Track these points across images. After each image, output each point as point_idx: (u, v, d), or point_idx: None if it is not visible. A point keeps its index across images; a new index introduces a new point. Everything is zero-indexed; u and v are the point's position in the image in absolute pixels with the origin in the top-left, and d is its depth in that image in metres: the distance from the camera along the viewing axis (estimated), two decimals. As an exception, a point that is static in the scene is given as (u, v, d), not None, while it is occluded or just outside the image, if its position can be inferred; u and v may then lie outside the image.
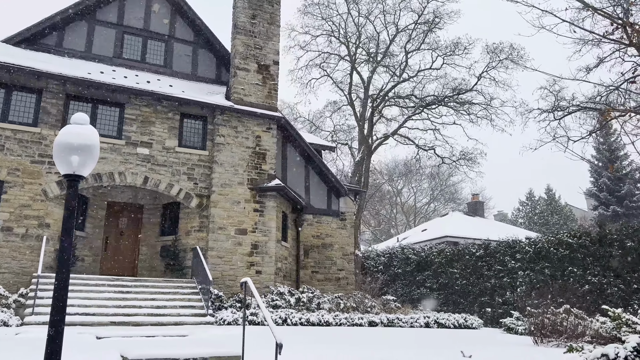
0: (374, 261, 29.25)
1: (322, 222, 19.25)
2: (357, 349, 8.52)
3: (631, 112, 6.83)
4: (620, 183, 35.12)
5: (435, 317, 15.81)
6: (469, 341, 11.52)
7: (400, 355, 7.65)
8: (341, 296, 16.68)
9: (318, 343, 9.40)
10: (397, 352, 8.49)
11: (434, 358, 6.75)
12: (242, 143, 16.28)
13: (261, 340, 10.01)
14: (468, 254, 24.70)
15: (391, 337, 11.40)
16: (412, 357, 7.25)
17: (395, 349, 9.11)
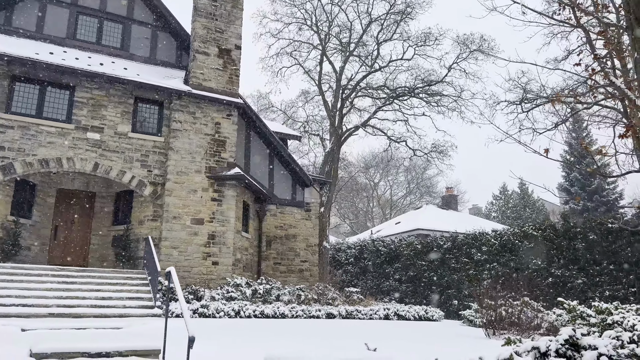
0: (345, 253, 29.04)
1: (286, 212, 18.81)
2: (274, 342, 8.16)
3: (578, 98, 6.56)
4: (591, 178, 35.40)
5: (396, 309, 15.55)
6: (415, 333, 11.27)
7: (310, 347, 7.28)
8: (303, 288, 16.28)
9: (245, 336, 8.99)
10: (311, 340, 8.20)
11: (340, 350, 6.38)
12: (200, 129, 15.71)
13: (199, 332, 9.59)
14: (436, 247, 24.60)
15: (333, 329, 11.08)
16: (320, 349, 6.86)
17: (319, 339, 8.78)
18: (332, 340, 8.61)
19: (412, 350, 7.55)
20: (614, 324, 10.45)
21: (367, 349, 3.88)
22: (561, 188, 36.79)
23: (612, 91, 6.52)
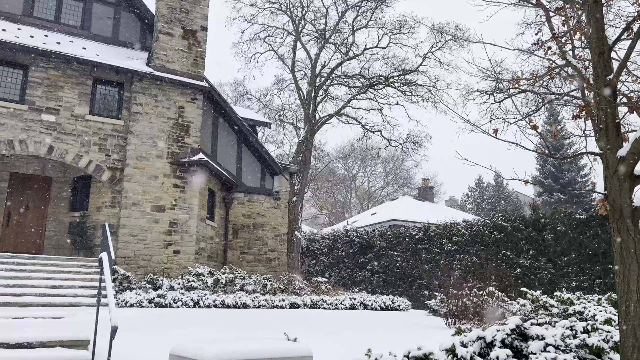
0: (319, 244, 28.79)
1: (254, 201, 18.39)
2: (201, 333, 7.82)
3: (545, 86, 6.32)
4: (565, 170, 35.76)
5: (362, 299, 15.31)
6: (373, 323, 11.04)
7: (229, 335, 6.99)
8: (269, 278, 15.93)
9: (185, 327, 8.62)
10: (241, 332, 7.91)
11: (257, 341, 6.07)
12: (162, 113, 15.15)
13: (145, 322, 9.19)
14: (408, 237, 24.49)
15: (282, 319, 10.78)
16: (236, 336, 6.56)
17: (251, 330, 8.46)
18: (264, 330, 8.29)
19: (348, 341, 7.27)
20: (575, 314, 10.36)
21: (286, 339, 3.55)
22: (535, 180, 37.04)
23: (571, 72, 6.29)
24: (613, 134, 4.79)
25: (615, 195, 4.68)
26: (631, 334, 4.38)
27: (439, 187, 54.73)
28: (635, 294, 4.44)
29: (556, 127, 24.46)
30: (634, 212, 4.61)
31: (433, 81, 23.78)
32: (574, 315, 10.21)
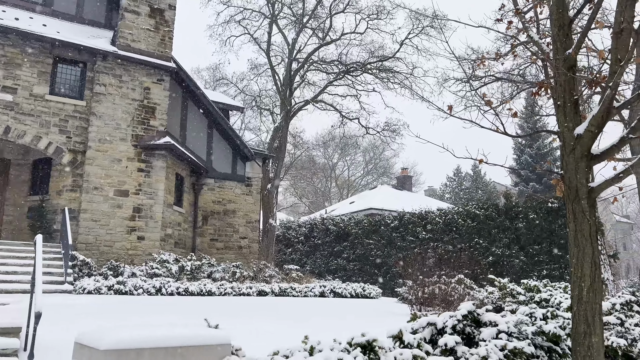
0: (296, 232, 28.54)
1: (225, 187, 17.97)
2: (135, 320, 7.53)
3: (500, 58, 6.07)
4: (542, 161, 35.98)
5: (332, 286, 15.09)
6: (335, 310, 10.84)
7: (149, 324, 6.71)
8: (239, 265, 15.61)
9: (140, 315, 8.28)
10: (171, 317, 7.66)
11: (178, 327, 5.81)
12: (127, 94, 14.60)
13: (101, 309, 8.82)
14: (384, 225, 24.38)
15: (246, 307, 10.52)
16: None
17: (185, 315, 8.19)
18: (221, 317, 7.99)
19: (289, 327, 7.01)
20: (541, 301, 10.27)
21: (207, 326, 3.26)
22: (512, 171, 37.24)
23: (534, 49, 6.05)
24: (571, 111, 4.55)
25: (571, 175, 4.45)
26: (583, 320, 4.18)
27: (418, 176, 54.85)
28: (588, 278, 4.24)
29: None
30: (589, 193, 4.39)
31: (410, 68, 23.54)
32: (541, 302, 10.13)
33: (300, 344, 3.96)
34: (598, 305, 4.20)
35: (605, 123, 4.40)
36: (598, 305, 4.20)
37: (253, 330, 7.04)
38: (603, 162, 4.55)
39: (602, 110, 4.26)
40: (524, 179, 35.71)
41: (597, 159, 4.46)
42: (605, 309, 7.05)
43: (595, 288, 4.22)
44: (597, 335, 4.13)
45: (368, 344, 4.26)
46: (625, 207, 56.14)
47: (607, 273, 16.28)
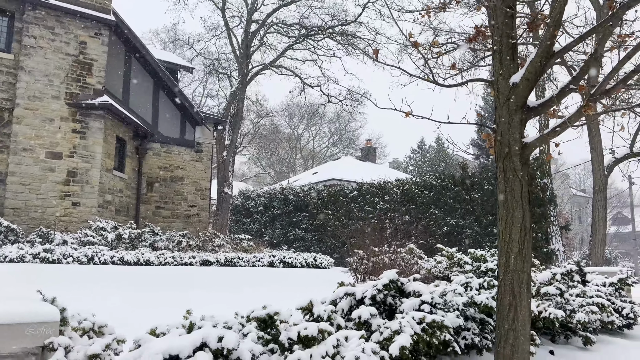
0: (255, 202, 27.93)
1: (173, 152, 17.05)
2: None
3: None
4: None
5: (282, 256, 14.62)
6: (286, 280, 10.39)
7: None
8: (186, 234, 14.93)
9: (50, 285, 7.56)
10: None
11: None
12: (60, 48, 13.41)
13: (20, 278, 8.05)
14: (342, 196, 24.01)
15: (184, 277, 9.97)
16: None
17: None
18: (145, 288, 7.41)
19: (236, 298, 6.49)
20: (487, 271, 10.03)
21: (42, 299, 2.64)
22: (473, 143, 37.35)
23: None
24: (507, 57, 4.02)
25: (504, 129, 3.95)
26: (509, 291, 3.75)
27: (383, 148, 54.75)
28: (517, 244, 3.79)
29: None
30: (523, 150, 3.90)
31: (373, 34, 22.78)
32: (487, 272, 9.91)
33: (181, 319, 3.38)
34: (526, 274, 3.77)
35: (544, 70, 3.89)
36: (526, 274, 3.77)
37: (172, 302, 6.45)
38: (539, 115, 4.06)
39: (540, 53, 3.74)
40: (485, 151, 35.87)
41: (534, 111, 3.97)
42: (546, 278, 6.77)
43: (524, 255, 3.78)
44: (523, 308, 3.72)
45: (269, 318, 3.72)
46: (582, 182, 57.74)
47: (559, 244, 16.39)
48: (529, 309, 3.72)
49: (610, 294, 8.45)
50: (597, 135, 15.40)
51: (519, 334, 3.63)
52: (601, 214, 14.95)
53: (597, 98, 3.68)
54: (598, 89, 3.64)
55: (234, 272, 11.88)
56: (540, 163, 16.25)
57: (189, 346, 2.95)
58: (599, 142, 15.38)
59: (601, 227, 14.92)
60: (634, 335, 8.37)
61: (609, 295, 8.40)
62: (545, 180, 15.98)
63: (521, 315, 3.66)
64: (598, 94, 3.62)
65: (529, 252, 3.79)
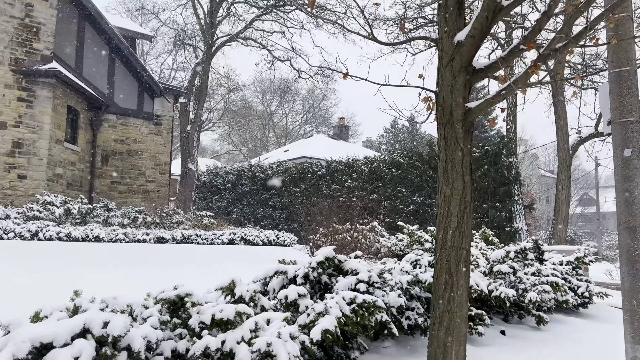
0: (223, 179, 27.39)
1: (130, 125, 16.29)
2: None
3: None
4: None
5: (244, 233, 14.21)
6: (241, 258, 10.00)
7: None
8: (142, 210, 14.35)
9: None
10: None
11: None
12: (4, 10, 12.46)
13: None
14: (311, 173, 23.65)
15: (130, 254, 9.50)
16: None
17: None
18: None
19: (152, 277, 6.08)
20: (447, 249, 9.83)
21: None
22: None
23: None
24: (453, 12, 3.62)
25: (446, 91, 3.57)
26: (445, 269, 3.43)
27: (357, 127, 54.46)
28: (455, 218, 3.46)
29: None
30: (466, 115, 3.54)
31: (344, 7, 22.12)
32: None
33: (68, 302, 2.95)
34: (464, 250, 3.44)
35: (490, 26, 3.51)
36: (464, 250, 3.44)
37: (99, 280, 5.99)
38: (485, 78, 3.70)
39: (486, 7, 3.35)
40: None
41: (479, 73, 3.60)
42: (499, 256, 6.55)
43: (463, 230, 3.45)
44: (460, 287, 3.40)
45: (179, 300, 3.32)
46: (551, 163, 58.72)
47: (522, 223, 16.42)
48: (466, 289, 3.42)
49: (566, 273, 8.34)
50: (563, 115, 15.33)
51: (454, 316, 3.32)
52: (565, 193, 14.97)
53: (546, 57, 3.33)
54: (548, 47, 3.29)
55: (188, 249, 11.43)
56: (506, 142, 16.13)
57: (65, 333, 2.53)
58: (565, 121, 15.32)
59: (564, 207, 14.96)
60: (589, 314, 8.32)
61: (566, 274, 8.30)
62: (511, 159, 15.88)
63: (458, 295, 3.35)
64: (547, 52, 3.27)
65: (469, 227, 3.47)
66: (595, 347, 6.02)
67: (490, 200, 16.12)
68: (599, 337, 6.63)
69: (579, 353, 5.69)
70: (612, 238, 41.13)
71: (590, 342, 6.23)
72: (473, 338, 5.75)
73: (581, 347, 5.97)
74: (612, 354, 5.63)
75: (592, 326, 7.41)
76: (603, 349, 5.89)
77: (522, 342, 5.93)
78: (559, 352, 5.63)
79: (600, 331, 7.03)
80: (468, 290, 3.48)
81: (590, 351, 5.78)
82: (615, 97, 4.19)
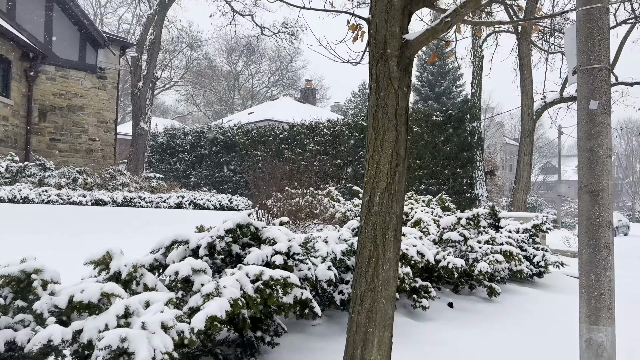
0: (181, 140, 26.24)
1: (71, 77, 14.97)
2: None
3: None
4: (441, 80, 35.74)
5: (193, 197, 13.40)
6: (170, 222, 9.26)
7: None
8: (85, 170, 13.31)
9: None
10: None
11: None
12: None
13: None
14: (272, 136, 22.80)
15: (47, 217, 8.65)
16: None
17: None
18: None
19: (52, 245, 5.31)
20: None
21: None
22: (413, 88, 36.85)
23: None
24: None
25: (379, 19, 2.84)
26: (370, 239, 2.79)
27: (325, 91, 53.36)
28: (385, 177, 2.79)
29: None
30: (402, 50, 2.83)
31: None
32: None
33: None
34: (394, 217, 2.80)
35: (435, -64, 2.77)
36: (394, 217, 2.80)
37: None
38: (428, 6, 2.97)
39: None
40: (423, 97, 35.45)
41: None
42: (450, 223, 6.01)
43: (393, 192, 2.79)
44: (387, 261, 2.77)
45: (26, 277, 2.58)
46: (517, 131, 59.29)
47: (482, 189, 16.13)
48: (395, 264, 2.80)
49: (523, 241, 7.95)
50: (529, 78, 14.86)
51: (379, 296, 2.72)
52: (526, 159, 14.67)
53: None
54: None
55: (128, 213, 10.58)
56: (470, 106, 15.64)
57: None
58: (530, 85, 14.87)
59: (525, 173, 14.68)
60: (544, 283, 7.99)
61: (522, 242, 7.90)
62: (474, 123, 15.42)
63: (384, 271, 2.74)
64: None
65: (402, 189, 2.83)
66: (548, 320, 5.62)
67: (451, 167, 15.72)
68: (553, 309, 6.25)
69: (529, 327, 5.27)
70: (572, 206, 42.09)
71: (544, 315, 5.83)
72: (417, 312, 5.25)
73: (534, 321, 5.56)
74: (564, 328, 5.24)
75: (546, 297, 7.06)
76: (556, 323, 5.50)
77: (470, 316, 5.47)
78: (509, 327, 5.19)
79: (555, 303, 6.68)
80: (397, 265, 2.86)
81: (543, 326, 5.37)
82: (583, 40, 3.56)
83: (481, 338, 4.69)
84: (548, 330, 5.23)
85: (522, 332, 5.08)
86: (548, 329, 5.26)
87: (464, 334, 4.76)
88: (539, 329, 5.27)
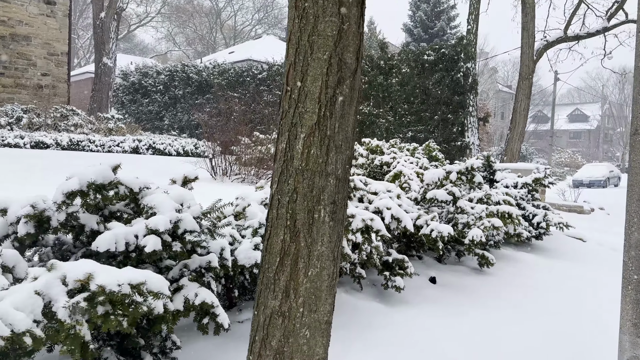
0: (153, 80, 24.40)
1: (13, 1, 13.05)
2: None
3: None
4: (435, 20, 33.71)
5: (152, 140, 11.98)
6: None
7: None
8: (31, 109, 11.78)
9: None
10: None
11: None
12: None
13: None
14: (250, 77, 21.11)
15: None
16: None
17: None
18: None
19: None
20: (382, 165, 8.09)
21: None
22: (405, 29, 34.88)
23: None
24: None
25: None
26: (284, 220, 1.51)
27: (313, 31, 50.51)
28: (314, 105, 1.48)
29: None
30: None
31: None
32: (382, 167, 7.98)
33: None
34: (333, 179, 1.52)
35: None
36: (333, 179, 1.52)
37: None
38: None
39: None
40: (416, 38, 33.49)
41: None
42: (437, 178, 4.74)
43: (330, 134, 1.50)
44: (317, 260, 1.51)
45: None
46: (510, 78, 57.50)
47: (474, 137, 14.86)
48: (332, 263, 1.53)
49: (521, 198, 6.78)
50: (531, 13, 13.26)
51: (297, 326, 1.47)
52: (524, 104, 13.33)
53: None
54: None
55: (69, 157, 9.19)
56: (465, 45, 14.08)
57: None
58: (532, 21, 13.29)
59: (522, 119, 13.40)
60: (544, 247, 6.88)
61: (520, 199, 6.73)
62: (469, 64, 13.93)
63: (309, 279, 1.47)
64: None
65: (348, 128, 1.52)
66: (552, 299, 4.50)
67: (442, 112, 14.36)
68: (555, 282, 5.14)
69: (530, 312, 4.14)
70: (562, 155, 41.22)
71: (547, 292, 4.71)
72: (389, 293, 4.09)
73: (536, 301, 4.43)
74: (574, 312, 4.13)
75: (545, 264, 5.95)
76: (562, 303, 4.39)
77: (455, 295, 4.30)
78: (507, 313, 4.04)
79: (556, 273, 5.57)
80: (336, 264, 1.59)
81: (545, 306, 4.25)
82: None
83: (470, 330, 3.54)
84: (554, 315, 4.09)
85: (521, 319, 3.94)
86: (554, 312, 4.13)
87: (447, 325, 3.61)
88: (542, 312, 4.13)
